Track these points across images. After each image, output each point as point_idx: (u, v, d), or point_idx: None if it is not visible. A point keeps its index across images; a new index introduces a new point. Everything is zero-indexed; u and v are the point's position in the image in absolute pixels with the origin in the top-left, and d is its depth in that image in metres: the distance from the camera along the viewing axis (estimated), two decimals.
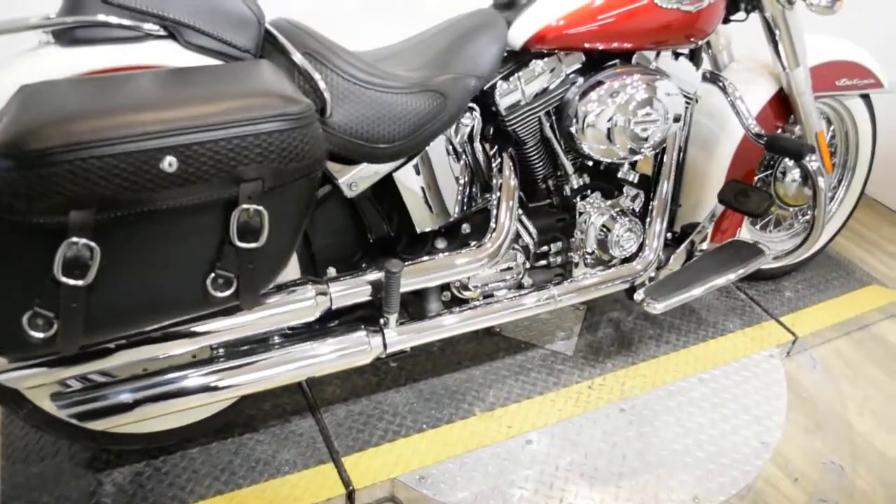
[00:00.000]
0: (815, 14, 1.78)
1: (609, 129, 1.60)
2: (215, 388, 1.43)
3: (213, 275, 1.16)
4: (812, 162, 1.75)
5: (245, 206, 1.10)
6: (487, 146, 1.65)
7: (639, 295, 1.73)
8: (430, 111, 1.41)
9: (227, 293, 1.18)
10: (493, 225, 1.58)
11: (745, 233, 2.22)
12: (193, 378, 1.41)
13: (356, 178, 1.44)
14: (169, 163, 1.03)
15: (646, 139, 1.64)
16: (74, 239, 1.01)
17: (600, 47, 1.58)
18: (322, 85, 1.30)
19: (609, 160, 1.67)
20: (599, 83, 1.58)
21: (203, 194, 1.08)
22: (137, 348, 1.35)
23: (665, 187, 1.81)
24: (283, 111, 1.10)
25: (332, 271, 1.52)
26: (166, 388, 1.39)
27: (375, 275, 1.47)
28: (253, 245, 1.13)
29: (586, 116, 1.58)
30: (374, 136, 1.36)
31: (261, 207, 1.11)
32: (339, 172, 1.43)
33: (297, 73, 1.31)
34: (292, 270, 1.53)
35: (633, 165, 1.84)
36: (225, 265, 1.15)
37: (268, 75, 1.21)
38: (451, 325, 1.59)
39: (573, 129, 1.59)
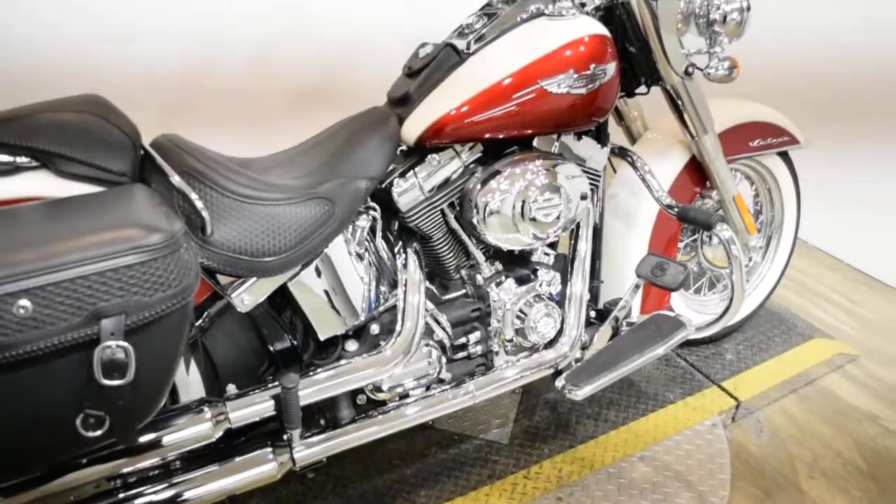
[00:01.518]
0: (715, 83, 1.78)
1: (511, 218, 1.58)
2: None
3: (82, 415, 1.10)
4: (723, 231, 1.74)
5: (107, 343, 1.06)
6: (392, 241, 1.62)
7: (560, 381, 1.69)
8: (317, 219, 1.38)
9: (100, 432, 1.12)
10: (398, 324, 1.54)
11: (678, 298, 2.20)
12: None
13: (247, 292, 1.40)
14: (22, 307, 0.99)
15: (550, 224, 1.62)
16: None
17: (496, 136, 1.57)
18: (199, 205, 1.27)
19: (515, 248, 1.64)
20: (497, 172, 1.57)
21: (62, 335, 1.03)
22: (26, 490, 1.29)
23: (582, 266, 1.78)
24: (141, 242, 1.07)
25: (231, 388, 1.47)
26: None
27: (275, 389, 1.42)
28: (120, 382, 1.08)
29: (487, 206, 1.56)
30: (258, 250, 1.33)
31: (125, 343, 1.07)
32: (229, 287, 1.39)
33: (175, 194, 1.28)
34: (196, 388, 1.48)
35: (552, 246, 1.82)
36: (94, 405, 1.10)
37: (137, 202, 1.18)
38: (363, 432, 1.53)
39: (475, 220, 1.57)
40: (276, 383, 1.42)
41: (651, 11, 1.69)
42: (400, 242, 1.61)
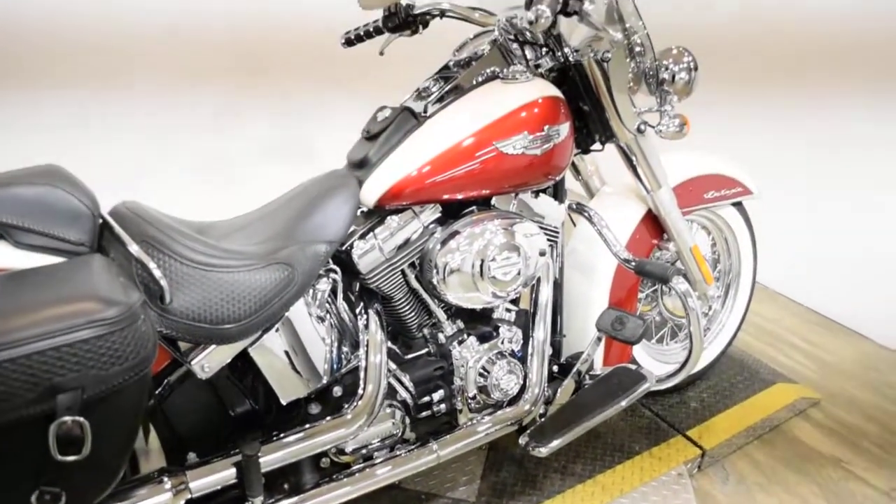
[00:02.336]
0: (667, 140, 1.84)
1: (470, 277, 1.59)
2: None
3: (37, 492, 1.09)
4: (679, 284, 1.77)
5: (63, 418, 1.05)
6: (354, 302, 1.63)
7: (523, 439, 1.70)
8: (277, 285, 1.39)
9: None
10: (361, 387, 1.54)
11: (641, 348, 2.22)
12: None
13: (208, 359, 1.40)
14: None
15: (510, 282, 1.64)
16: None
17: (455, 197, 1.60)
18: (158, 274, 1.27)
19: (476, 306, 1.66)
20: (456, 232, 1.59)
21: (17, 412, 1.02)
22: None
23: (543, 321, 1.80)
24: (98, 316, 1.07)
25: (192, 456, 1.45)
26: None
27: (237, 457, 1.41)
28: (76, 458, 1.07)
29: (446, 266, 1.57)
30: (218, 317, 1.33)
31: (81, 418, 1.06)
32: (189, 355, 1.39)
33: (134, 263, 1.29)
34: (156, 457, 1.46)
35: (514, 302, 1.84)
36: (49, 481, 1.09)
37: (94, 273, 1.18)
38: (328, 497, 1.52)
39: (435, 280, 1.59)
40: (238, 450, 1.41)
41: (603, 72, 1.75)
42: (361, 303, 1.62)
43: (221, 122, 3.22)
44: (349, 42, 2.01)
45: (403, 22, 1.90)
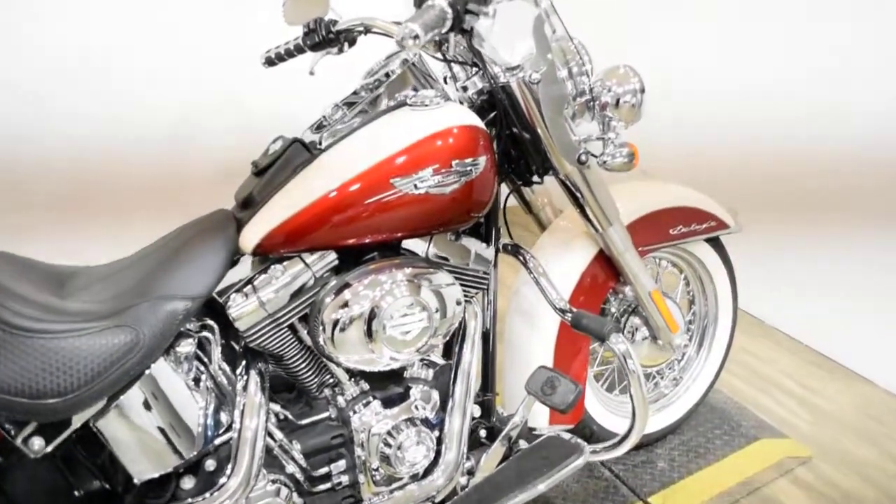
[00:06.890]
0: (614, 172, 1.60)
1: (360, 337, 1.38)
2: None
3: None
4: (618, 343, 1.54)
5: None
6: (237, 360, 1.43)
7: None
8: (115, 351, 1.19)
9: None
10: (233, 459, 1.34)
11: (598, 402, 1.99)
12: None
13: (38, 436, 1.20)
14: None
15: (412, 341, 1.42)
16: None
17: (351, 243, 1.38)
18: None
19: (373, 368, 1.44)
20: (347, 285, 1.37)
21: None
22: None
23: (465, 379, 1.57)
24: None
25: None
26: None
27: None
28: None
29: (335, 324, 1.36)
30: (38, 391, 1.13)
31: None
32: (14, 431, 1.20)
33: None
34: None
35: (446, 353, 1.63)
36: None
37: None
38: None
39: (321, 340, 1.37)
40: None
41: (532, 95, 1.52)
42: (244, 361, 1.42)
43: None
44: (270, 62, 1.81)
45: (325, 39, 1.70)
